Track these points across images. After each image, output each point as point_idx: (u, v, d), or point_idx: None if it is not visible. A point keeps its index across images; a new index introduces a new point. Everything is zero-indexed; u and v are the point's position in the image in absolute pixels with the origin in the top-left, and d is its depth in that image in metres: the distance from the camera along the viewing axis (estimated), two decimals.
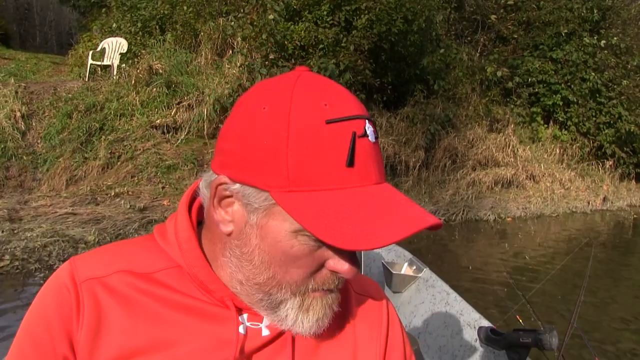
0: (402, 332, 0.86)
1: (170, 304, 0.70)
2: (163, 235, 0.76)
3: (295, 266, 0.66)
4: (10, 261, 5.12)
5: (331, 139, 0.61)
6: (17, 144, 7.72)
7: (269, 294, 0.68)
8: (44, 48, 23.00)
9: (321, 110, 0.63)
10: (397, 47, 10.00)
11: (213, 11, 9.69)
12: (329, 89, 0.67)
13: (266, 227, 0.65)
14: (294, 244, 0.64)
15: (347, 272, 0.66)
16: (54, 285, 0.70)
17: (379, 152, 0.66)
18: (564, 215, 10.79)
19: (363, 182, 0.62)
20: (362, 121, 0.64)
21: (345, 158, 0.61)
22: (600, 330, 4.84)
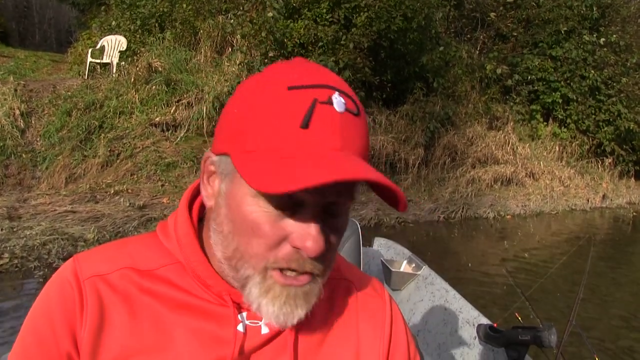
0: (406, 330, 0.84)
1: (171, 302, 0.70)
2: (164, 232, 0.76)
3: (255, 235, 0.63)
4: (10, 259, 5.12)
5: (291, 103, 0.61)
6: (17, 142, 7.72)
7: (237, 269, 0.67)
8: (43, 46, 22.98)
9: (287, 79, 0.63)
10: (397, 44, 10.00)
11: (212, 9, 9.68)
12: (305, 65, 0.67)
13: (231, 193, 0.65)
14: (252, 210, 0.63)
15: (310, 249, 0.62)
16: (58, 282, 0.70)
17: (350, 125, 0.63)
18: (563, 213, 10.80)
19: (319, 147, 0.60)
20: (330, 91, 0.63)
21: (301, 121, 0.60)
22: (600, 328, 4.85)
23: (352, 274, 0.86)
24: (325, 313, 0.78)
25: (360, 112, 0.66)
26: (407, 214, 8.65)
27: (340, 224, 0.67)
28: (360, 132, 0.65)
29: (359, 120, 0.65)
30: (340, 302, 0.81)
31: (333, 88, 0.64)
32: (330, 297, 0.79)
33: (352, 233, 2.04)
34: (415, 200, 9.18)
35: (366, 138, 0.67)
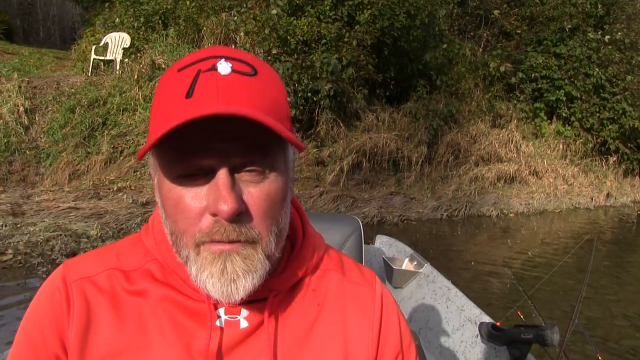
0: (399, 320, 0.83)
1: (154, 298, 0.73)
2: (146, 232, 0.79)
3: (179, 212, 0.65)
4: (14, 255, 5.14)
5: (178, 81, 0.64)
6: (20, 138, 7.74)
7: (179, 253, 0.69)
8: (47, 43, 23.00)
9: (180, 63, 0.67)
10: (400, 42, 9.99)
11: (216, 6, 9.68)
12: (206, 48, 0.70)
13: (158, 182, 0.69)
14: (171, 188, 0.65)
15: (222, 210, 0.62)
16: (47, 288, 0.74)
17: (238, 83, 0.64)
18: (567, 211, 10.77)
19: (200, 109, 0.59)
20: (215, 59, 0.65)
21: (186, 92, 0.63)
22: (604, 327, 4.83)
23: (342, 264, 0.85)
24: (311, 304, 0.78)
25: (257, 72, 0.66)
26: (410, 212, 8.65)
27: (266, 188, 0.67)
28: (254, 88, 0.65)
29: (254, 79, 0.65)
30: (327, 292, 0.80)
31: (219, 57, 0.66)
32: (316, 288, 0.79)
33: (353, 230, 2.03)
34: (418, 198, 9.17)
35: (264, 93, 0.66)
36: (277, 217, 0.69)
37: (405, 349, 0.82)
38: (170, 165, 0.65)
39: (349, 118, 9.63)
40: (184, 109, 0.61)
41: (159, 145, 0.63)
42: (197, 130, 0.61)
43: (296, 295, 0.77)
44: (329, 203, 8.03)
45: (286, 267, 0.77)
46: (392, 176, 9.50)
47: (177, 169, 0.64)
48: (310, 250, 0.81)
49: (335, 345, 0.76)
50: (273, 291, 0.74)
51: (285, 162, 0.71)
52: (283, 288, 0.76)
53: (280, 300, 0.76)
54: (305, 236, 0.81)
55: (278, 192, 0.68)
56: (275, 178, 0.68)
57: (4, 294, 4.40)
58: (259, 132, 0.62)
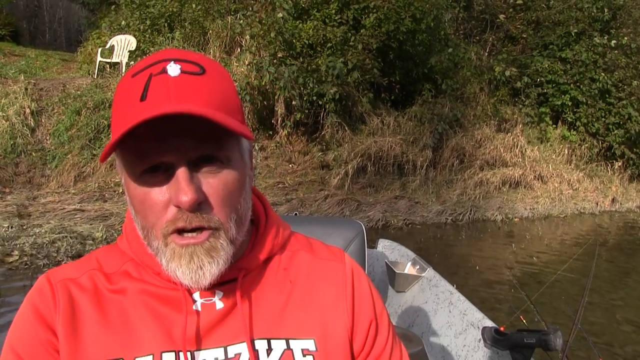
0: (370, 291, 0.88)
1: (133, 293, 0.78)
2: (120, 238, 0.85)
3: (146, 207, 0.71)
4: (19, 257, 5.16)
5: (132, 86, 0.69)
6: (27, 140, 7.78)
7: (150, 245, 0.74)
8: (53, 45, 23.08)
9: (134, 69, 0.72)
10: (405, 46, 9.99)
11: (222, 9, 9.70)
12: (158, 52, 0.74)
13: (125, 182, 0.74)
14: (136, 186, 0.71)
15: (182, 201, 0.67)
16: (33, 290, 0.80)
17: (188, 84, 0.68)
18: (572, 216, 10.73)
19: (153, 110, 0.64)
20: (165, 63, 0.69)
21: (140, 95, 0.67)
22: (609, 333, 4.80)
23: (310, 245, 0.90)
24: (283, 282, 0.83)
25: (205, 71, 0.71)
26: (414, 216, 8.64)
27: (224, 178, 0.72)
28: (202, 86, 0.69)
29: (203, 78, 0.70)
30: (298, 270, 0.85)
31: (168, 59, 0.70)
32: (287, 267, 0.85)
33: (356, 235, 2.04)
34: (423, 202, 9.16)
35: (212, 90, 0.70)
36: (236, 204, 0.74)
37: (379, 315, 0.87)
38: (133, 165, 0.70)
39: (354, 122, 9.64)
40: (139, 111, 0.65)
41: (120, 147, 0.69)
42: (153, 130, 0.66)
43: (268, 274, 0.83)
44: (334, 207, 8.04)
45: (253, 247, 0.83)
46: (397, 180, 9.49)
47: (139, 168, 0.69)
48: (274, 230, 0.86)
49: (311, 318, 0.81)
50: (242, 270, 0.79)
51: (241, 152, 0.76)
52: (252, 266, 0.81)
53: (252, 279, 0.81)
54: (268, 219, 0.87)
55: (235, 181, 0.74)
56: (232, 168, 0.73)
57: (9, 295, 4.41)
58: (211, 126, 0.67)
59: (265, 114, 9.10)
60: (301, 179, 8.63)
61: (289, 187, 8.33)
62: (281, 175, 8.59)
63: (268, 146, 9.02)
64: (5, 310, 4.11)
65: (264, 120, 9.12)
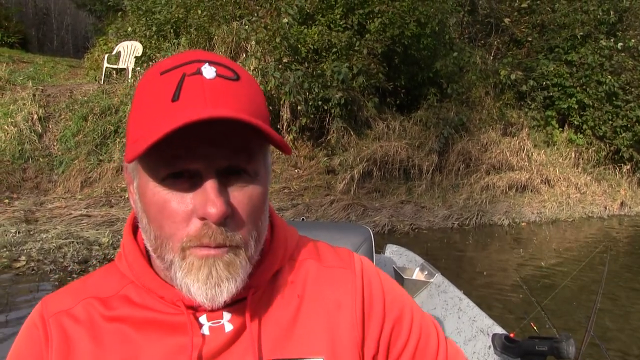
0: (383, 294, 0.82)
1: (133, 322, 0.73)
2: (119, 258, 0.79)
3: (164, 217, 0.66)
4: (26, 262, 5.18)
5: (162, 85, 0.64)
6: (34, 146, 7.82)
7: (162, 258, 0.69)
8: (61, 52, 23.22)
9: (161, 67, 0.67)
10: (410, 50, 9.98)
11: (227, 15, 9.73)
12: (185, 52, 0.69)
13: (139, 187, 0.69)
14: (155, 192, 0.66)
15: (211, 213, 0.63)
16: (26, 327, 0.76)
17: (223, 88, 0.65)
18: (580, 220, 10.66)
19: (187, 113, 0.60)
20: (199, 63, 0.65)
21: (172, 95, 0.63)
22: (622, 339, 4.74)
23: (317, 251, 0.86)
24: (290, 296, 0.78)
25: (240, 77, 0.67)
26: (421, 221, 8.61)
27: (249, 193, 0.68)
28: (238, 92, 0.66)
29: (238, 84, 0.66)
30: (305, 282, 0.80)
31: (203, 61, 0.66)
32: (294, 279, 0.80)
33: (364, 240, 2.02)
34: (429, 206, 9.14)
35: (249, 100, 0.67)
36: (257, 222, 0.71)
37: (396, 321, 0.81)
38: (156, 170, 0.65)
39: (360, 126, 9.63)
40: (172, 112, 0.62)
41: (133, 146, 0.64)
42: (184, 134, 0.61)
43: (276, 290, 0.78)
44: (340, 212, 8.02)
45: (262, 262, 0.77)
46: (403, 185, 9.47)
47: (162, 173, 0.65)
48: (281, 241, 0.81)
49: (319, 333, 0.76)
50: (252, 288, 0.74)
51: (266, 167, 0.73)
52: (261, 283, 0.76)
53: (260, 296, 0.76)
54: (274, 229, 0.83)
55: (260, 196, 0.70)
56: (258, 183, 0.70)
57: (16, 301, 4.42)
58: (245, 137, 0.65)
59: (270, 119, 9.07)
60: (307, 184, 8.62)
61: (295, 192, 8.32)
62: (287, 180, 8.58)
63: (273, 151, 9.00)
64: (13, 317, 4.12)
65: (269, 125, 9.11)
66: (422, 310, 0.87)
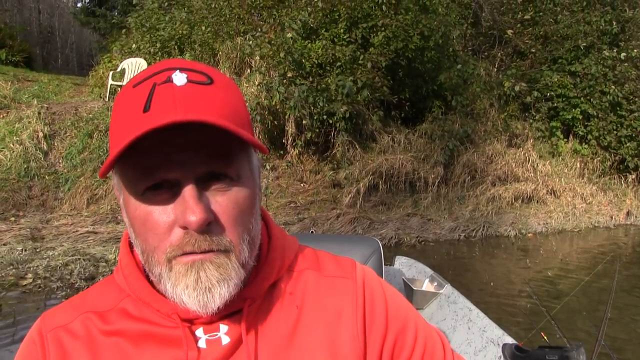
0: (385, 304, 0.80)
1: (131, 336, 0.72)
2: (116, 270, 0.78)
3: (148, 229, 0.65)
4: (33, 279, 5.18)
5: (134, 97, 0.64)
6: (40, 163, 7.86)
7: (151, 270, 0.68)
8: (65, 70, 23.44)
9: (135, 79, 0.67)
10: (414, 63, 10.03)
11: (231, 31, 9.81)
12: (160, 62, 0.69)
13: (124, 202, 0.68)
14: (137, 206, 0.65)
15: (191, 221, 0.62)
16: (25, 343, 0.75)
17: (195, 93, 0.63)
18: (586, 231, 10.62)
19: (160, 120, 0.59)
20: (169, 71, 0.64)
21: (143, 106, 0.62)
22: (630, 349, 4.70)
23: (318, 261, 0.84)
24: (289, 308, 0.76)
25: (213, 80, 0.66)
26: (427, 233, 8.59)
27: (234, 196, 0.67)
28: (212, 96, 0.64)
29: (211, 87, 0.65)
30: (305, 293, 0.78)
31: (173, 68, 0.65)
32: (293, 291, 0.78)
33: (373, 252, 2.02)
34: (436, 219, 9.12)
35: (222, 101, 0.65)
36: (247, 225, 0.69)
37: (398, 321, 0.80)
38: (134, 182, 0.65)
39: (365, 140, 9.65)
40: (142, 122, 0.60)
41: (121, 162, 0.63)
42: (158, 143, 0.61)
43: (274, 302, 0.76)
44: (346, 225, 8.01)
45: (258, 273, 0.75)
46: (409, 197, 9.46)
47: (141, 186, 0.64)
48: (278, 251, 0.80)
49: (320, 346, 0.74)
50: (248, 299, 0.73)
51: (251, 169, 0.71)
52: (257, 294, 0.74)
53: (258, 308, 0.75)
54: (272, 239, 0.81)
55: (246, 199, 0.69)
56: (242, 185, 0.68)
57: (23, 319, 4.42)
58: (221, 140, 0.63)
59: (275, 133, 9.13)
60: (313, 198, 8.62)
61: (301, 206, 8.32)
62: (293, 194, 8.59)
63: (279, 166, 9.04)
64: (20, 334, 4.11)
65: (274, 140, 9.15)
66: (427, 322, 0.85)
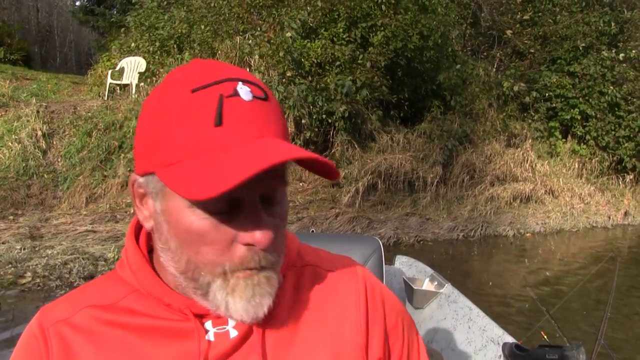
0: (383, 302, 0.83)
1: (136, 329, 0.71)
2: (121, 265, 0.77)
3: (203, 243, 0.65)
4: (32, 278, 5.17)
5: (198, 105, 0.62)
6: (39, 162, 7.85)
7: (195, 280, 0.68)
8: (64, 68, 23.41)
9: (189, 83, 0.64)
10: (414, 63, 10.03)
11: (230, 30, 9.79)
12: (203, 65, 0.67)
13: (168, 210, 0.66)
14: (192, 220, 0.64)
15: (260, 241, 0.64)
16: (25, 338, 0.74)
17: (261, 110, 0.64)
18: (584, 231, 10.64)
19: (235, 138, 0.61)
20: (233, 83, 0.64)
21: (214, 119, 0.61)
22: (628, 348, 4.73)
23: (319, 258, 0.86)
24: (293, 303, 0.78)
25: (268, 97, 0.67)
26: (426, 233, 8.60)
27: (281, 210, 0.69)
28: (273, 115, 0.66)
29: (269, 104, 0.66)
30: (308, 289, 0.80)
31: (235, 79, 0.65)
32: (296, 287, 0.80)
33: (374, 251, 2.03)
34: (434, 218, 9.12)
35: (281, 119, 0.68)
36: (284, 239, 0.73)
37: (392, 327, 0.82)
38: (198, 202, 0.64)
39: (364, 139, 9.65)
40: (217, 137, 0.61)
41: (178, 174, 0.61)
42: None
43: (279, 297, 0.76)
44: (345, 224, 8.01)
45: None
46: (408, 197, 9.47)
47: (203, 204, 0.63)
48: None
49: (324, 339, 0.76)
50: None
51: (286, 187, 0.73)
52: None
53: None
54: None
55: (286, 217, 0.72)
56: (285, 205, 0.71)
57: (22, 317, 4.41)
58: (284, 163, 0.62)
59: None
60: (312, 197, 8.62)
61: (300, 205, 8.33)
62: (292, 193, 8.59)
63: None
64: (19, 333, 4.10)
65: None
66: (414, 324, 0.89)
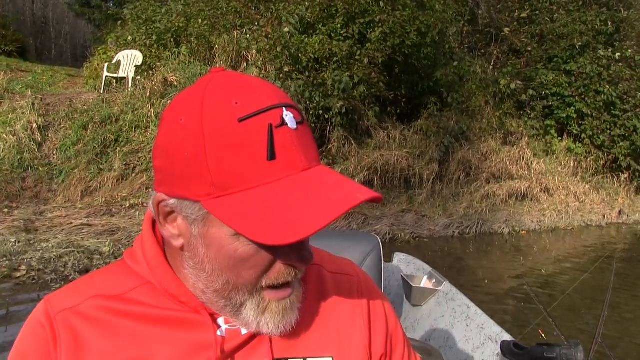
0: (383, 300, 0.88)
1: (145, 319, 0.72)
2: (132, 257, 0.77)
3: (245, 268, 0.66)
4: (27, 272, 5.14)
5: (247, 136, 0.61)
6: (34, 155, 7.80)
7: (229, 299, 0.69)
8: (59, 61, 23.29)
9: (232, 110, 0.62)
10: (411, 59, 10.03)
11: (228, 24, 9.76)
12: (239, 86, 0.66)
13: (208, 236, 0.66)
14: (237, 247, 0.65)
15: (305, 263, 0.67)
16: (30, 325, 0.72)
17: (304, 136, 0.66)
18: (579, 229, 10.69)
19: (289, 172, 0.62)
20: (278, 110, 0.64)
21: (266, 152, 0.61)
22: (623, 347, 4.75)
23: (322, 259, 0.88)
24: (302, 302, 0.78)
25: (304, 119, 0.67)
26: (421, 230, 8.61)
27: None
28: (311, 138, 0.68)
29: (307, 127, 0.67)
30: (313, 287, 0.82)
31: (279, 105, 0.64)
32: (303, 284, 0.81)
33: (373, 248, 2.02)
34: (430, 215, 9.14)
35: (314, 140, 0.69)
36: None
37: (394, 328, 0.87)
38: None
39: (361, 135, 9.65)
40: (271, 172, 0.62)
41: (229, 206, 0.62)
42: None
43: None
44: (341, 221, 8.01)
45: None
46: (404, 194, 9.48)
47: None
48: None
49: (328, 335, 0.79)
50: None
51: None
52: None
53: None
54: None
55: None
56: None
57: (17, 311, 4.39)
58: None
59: None
60: None
61: None
62: None
63: None
64: (13, 327, 4.09)
65: None
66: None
